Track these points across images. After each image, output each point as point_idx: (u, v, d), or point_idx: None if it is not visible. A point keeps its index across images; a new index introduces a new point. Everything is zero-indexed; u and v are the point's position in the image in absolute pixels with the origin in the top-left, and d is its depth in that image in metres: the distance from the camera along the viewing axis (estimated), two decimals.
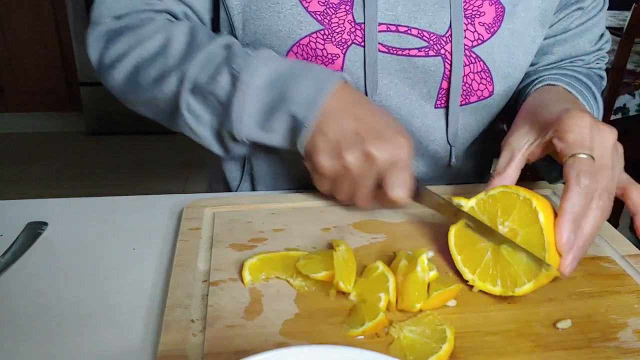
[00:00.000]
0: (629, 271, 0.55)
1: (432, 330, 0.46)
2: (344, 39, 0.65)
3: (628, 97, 1.82)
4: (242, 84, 0.58)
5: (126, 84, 0.67)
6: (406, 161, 0.57)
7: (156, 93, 0.64)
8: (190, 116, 0.63)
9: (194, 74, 0.61)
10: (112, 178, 2.63)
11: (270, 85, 0.59)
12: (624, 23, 1.74)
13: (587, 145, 0.52)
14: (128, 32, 0.66)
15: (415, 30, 0.66)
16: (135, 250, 0.58)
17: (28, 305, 0.50)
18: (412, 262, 0.50)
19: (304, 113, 0.57)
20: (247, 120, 0.60)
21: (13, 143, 2.95)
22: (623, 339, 0.47)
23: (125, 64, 0.66)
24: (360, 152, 0.56)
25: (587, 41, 0.77)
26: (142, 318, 0.49)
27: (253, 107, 0.59)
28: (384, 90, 0.68)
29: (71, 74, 2.89)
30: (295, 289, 0.51)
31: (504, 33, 0.68)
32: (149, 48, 0.64)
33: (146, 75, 0.64)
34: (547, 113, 0.58)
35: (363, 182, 0.58)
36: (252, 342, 0.45)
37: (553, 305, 0.50)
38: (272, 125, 0.60)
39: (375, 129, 0.57)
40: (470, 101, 0.70)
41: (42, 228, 0.61)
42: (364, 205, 0.60)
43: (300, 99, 0.58)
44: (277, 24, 0.64)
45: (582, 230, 0.50)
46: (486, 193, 0.54)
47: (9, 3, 2.74)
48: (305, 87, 0.58)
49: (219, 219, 0.62)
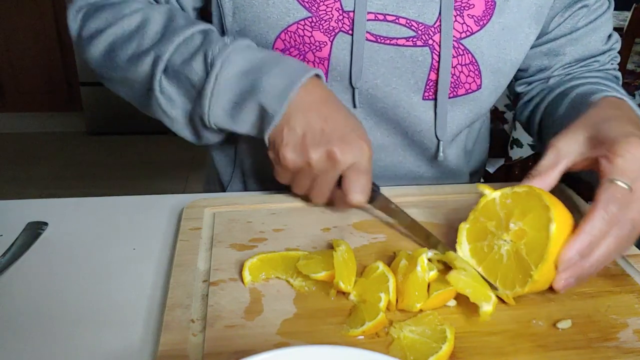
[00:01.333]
0: (629, 271, 0.55)
1: (432, 330, 0.46)
2: (332, 27, 0.65)
3: None
4: (216, 72, 0.59)
5: (103, 60, 0.68)
6: (367, 166, 0.58)
7: (131, 73, 0.65)
8: (163, 98, 0.63)
9: (168, 56, 0.62)
10: (112, 178, 2.63)
11: (243, 75, 0.60)
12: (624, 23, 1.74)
13: (630, 175, 0.50)
14: (108, 8, 0.67)
15: (404, 20, 0.66)
16: (135, 250, 0.58)
17: (28, 305, 0.50)
18: (412, 262, 0.50)
19: (273, 104, 0.58)
20: (217, 108, 0.61)
21: (13, 143, 2.95)
22: (623, 339, 0.47)
23: (102, 40, 0.66)
24: (324, 151, 0.57)
25: (597, 40, 0.76)
26: (142, 318, 0.49)
27: (224, 95, 0.60)
28: (370, 79, 0.68)
29: (71, 74, 2.89)
30: (295, 289, 0.51)
31: (494, 27, 0.68)
32: (125, 27, 0.65)
33: (122, 54, 0.65)
34: (608, 130, 0.54)
35: (322, 180, 0.59)
36: (252, 342, 0.45)
37: (553, 305, 0.50)
38: (242, 114, 0.61)
39: (341, 131, 0.58)
40: (458, 94, 0.70)
41: (42, 228, 0.60)
42: (318, 202, 0.61)
43: (270, 91, 0.58)
44: (266, 11, 0.65)
45: (591, 255, 0.49)
46: (512, 189, 0.53)
47: (9, 3, 2.74)
48: (276, 79, 0.59)
49: (219, 219, 0.62)
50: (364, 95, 0.69)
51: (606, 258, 0.49)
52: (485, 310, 0.46)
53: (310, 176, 0.59)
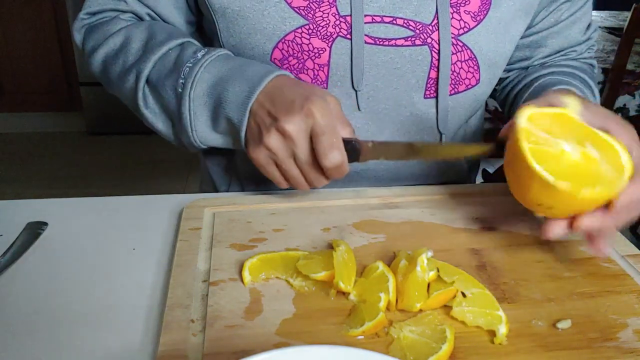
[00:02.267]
0: (629, 271, 0.55)
1: (432, 330, 0.46)
2: (329, 32, 0.65)
3: (628, 97, 1.81)
4: (188, 92, 0.61)
5: (101, 74, 0.72)
6: (327, 125, 0.55)
7: (121, 87, 0.68)
8: (149, 113, 0.66)
9: (147, 73, 0.64)
10: (112, 178, 2.63)
11: (211, 90, 0.61)
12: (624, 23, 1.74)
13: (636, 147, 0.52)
14: (99, 28, 0.71)
15: (401, 20, 0.66)
16: (135, 250, 0.58)
17: (28, 305, 0.50)
18: (412, 262, 0.50)
19: (236, 115, 0.59)
20: (199, 127, 0.62)
21: (13, 143, 2.95)
22: (623, 339, 0.47)
23: (98, 57, 0.70)
24: (274, 131, 0.56)
25: (577, 31, 0.78)
26: (142, 318, 0.49)
27: (200, 114, 0.62)
28: (371, 82, 0.68)
29: (71, 74, 2.89)
30: (295, 289, 0.51)
31: (491, 21, 0.68)
32: (112, 45, 0.68)
33: (112, 71, 0.69)
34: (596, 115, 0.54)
35: (299, 159, 0.57)
36: (252, 342, 0.45)
37: (553, 305, 0.50)
38: (220, 129, 0.62)
39: (284, 104, 0.56)
40: (459, 90, 0.70)
41: (42, 228, 0.60)
42: (317, 183, 0.59)
43: (233, 103, 0.59)
44: (261, 22, 0.65)
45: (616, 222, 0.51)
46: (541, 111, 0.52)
47: (9, 3, 2.74)
48: (238, 89, 0.59)
49: (219, 219, 0.62)
50: (366, 98, 0.69)
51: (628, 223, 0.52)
52: (502, 332, 0.45)
53: (285, 161, 0.57)
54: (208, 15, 0.68)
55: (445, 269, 0.51)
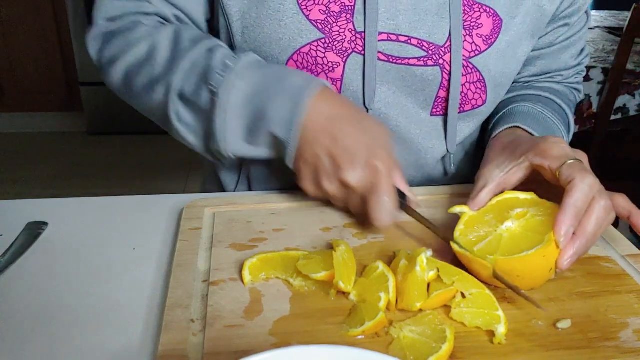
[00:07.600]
0: (629, 271, 0.55)
1: (432, 330, 0.46)
2: (345, 48, 0.65)
3: (628, 97, 1.81)
4: (222, 103, 0.58)
5: (122, 86, 0.68)
6: (385, 185, 0.56)
7: (147, 100, 0.65)
8: (181, 126, 0.63)
9: (178, 85, 0.61)
10: (112, 178, 2.63)
11: (248, 102, 0.59)
12: (624, 23, 1.74)
13: (572, 155, 0.54)
14: (119, 35, 0.67)
15: (415, 40, 0.66)
16: (135, 250, 0.58)
17: (28, 305, 0.50)
18: (412, 262, 0.50)
19: (282, 132, 0.58)
20: (231, 138, 0.60)
21: (13, 143, 2.95)
22: (623, 339, 0.47)
23: (118, 68, 0.66)
24: (336, 180, 0.57)
25: (569, 56, 0.79)
26: (142, 318, 0.49)
27: (235, 125, 0.60)
28: (382, 98, 0.68)
29: (71, 74, 2.89)
30: (295, 289, 0.51)
31: (501, 44, 0.69)
32: (136, 55, 0.65)
33: (136, 82, 0.65)
34: (523, 145, 0.59)
35: (351, 202, 0.58)
36: (252, 342, 0.45)
37: (553, 305, 0.50)
38: (257, 141, 0.60)
39: (349, 152, 0.56)
40: (465, 110, 0.71)
41: (42, 228, 0.60)
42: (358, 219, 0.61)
43: (278, 119, 0.58)
44: (278, 32, 0.64)
45: (584, 227, 0.50)
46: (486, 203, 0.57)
47: (9, 3, 2.74)
48: (281, 104, 0.58)
49: (219, 219, 0.62)
50: (377, 115, 0.69)
51: (598, 229, 0.51)
52: (501, 332, 0.46)
53: (339, 203, 0.60)
54: (222, 21, 0.67)
55: (445, 269, 0.51)
